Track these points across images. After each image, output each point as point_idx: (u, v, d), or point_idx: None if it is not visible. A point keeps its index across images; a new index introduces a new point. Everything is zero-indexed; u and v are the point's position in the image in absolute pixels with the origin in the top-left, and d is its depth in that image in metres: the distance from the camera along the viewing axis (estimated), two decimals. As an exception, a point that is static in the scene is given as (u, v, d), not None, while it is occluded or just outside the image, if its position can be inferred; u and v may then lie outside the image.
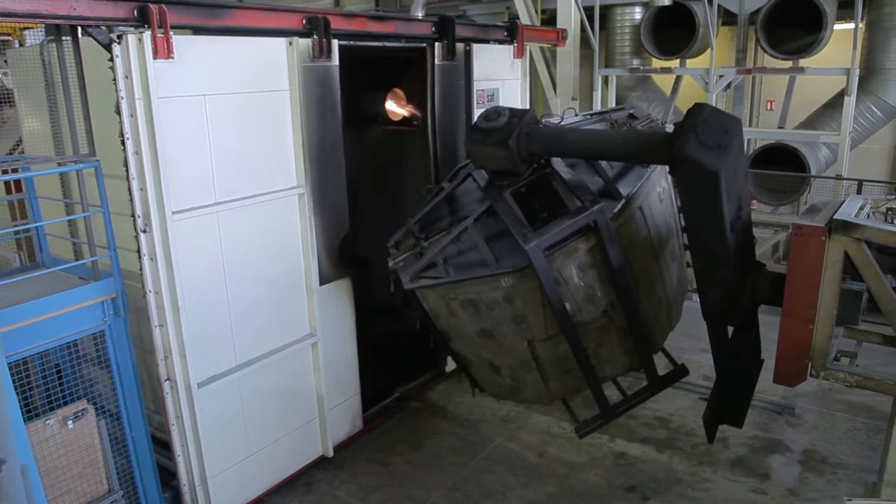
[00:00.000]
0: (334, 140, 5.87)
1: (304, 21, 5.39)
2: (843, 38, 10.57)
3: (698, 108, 4.08)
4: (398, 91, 7.46)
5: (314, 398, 6.15)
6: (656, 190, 5.19)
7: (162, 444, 6.00)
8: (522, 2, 11.78)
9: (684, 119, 4.09)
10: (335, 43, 5.63)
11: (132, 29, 4.45)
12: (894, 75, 10.89)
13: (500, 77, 7.49)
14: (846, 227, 4.13)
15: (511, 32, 7.58)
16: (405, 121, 7.64)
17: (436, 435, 6.75)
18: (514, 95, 7.76)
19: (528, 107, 7.81)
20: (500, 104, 7.32)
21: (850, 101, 9.96)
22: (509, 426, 6.86)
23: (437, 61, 6.62)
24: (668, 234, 5.33)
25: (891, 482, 4.31)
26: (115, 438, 4.97)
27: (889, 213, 4.33)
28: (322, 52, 5.51)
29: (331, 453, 6.37)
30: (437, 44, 6.58)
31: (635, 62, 12.25)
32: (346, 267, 6.22)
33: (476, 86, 7.11)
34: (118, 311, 4.75)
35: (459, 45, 6.82)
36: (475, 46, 7.03)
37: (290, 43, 5.34)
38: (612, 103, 11.90)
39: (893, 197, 4.94)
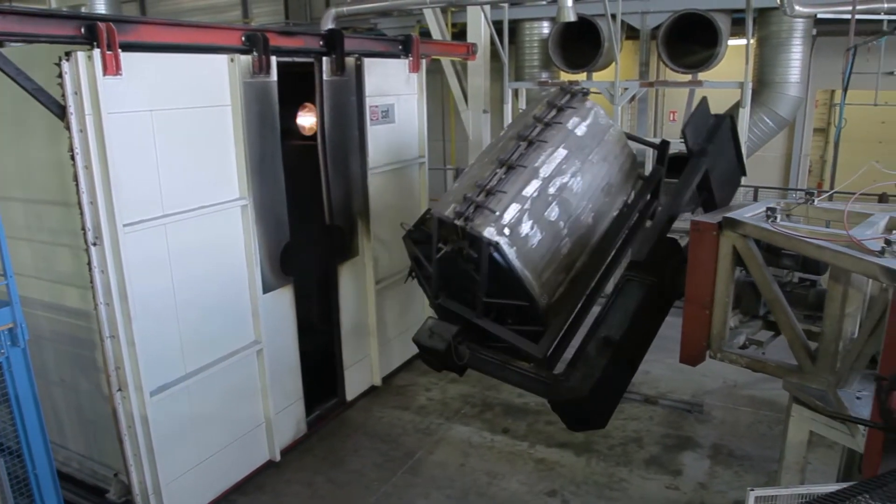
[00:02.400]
0: (273, 153, 6.04)
1: (242, 38, 5.55)
2: (738, 53, 11.15)
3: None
4: (309, 105, 7.41)
5: (260, 404, 6.26)
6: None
7: (68, 480, 5.74)
8: (433, 16, 11.92)
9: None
10: (273, 59, 5.80)
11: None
12: (783, 88, 11.61)
13: (395, 92, 7.44)
14: (732, 224, 4.61)
15: (405, 46, 7.47)
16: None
17: (357, 451, 6.70)
18: (410, 111, 7.73)
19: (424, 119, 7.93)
20: (396, 119, 7.42)
21: (744, 113, 10.51)
22: (430, 438, 6.89)
23: (325, 76, 6.46)
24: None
25: (789, 469, 4.63)
26: (15, 477, 4.68)
27: (769, 212, 4.74)
28: (262, 68, 5.69)
29: (278, 457, 6.44)
30: (325, 58, 6.43)
31: (544, 75, 12.56)
32: (287, 275, 6.36)
33: (369, 101, 7.00)
34: (17, 341, 4.49)
35: (350, 60, 6.69)
36: (368, 61, 6.91)
37: (232, 60, 5.50)
38: (523, 116, 12.14)
39: (803, 200, 5.35)
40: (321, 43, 6.37)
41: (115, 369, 5.06)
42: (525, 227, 5.19)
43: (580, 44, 11.81)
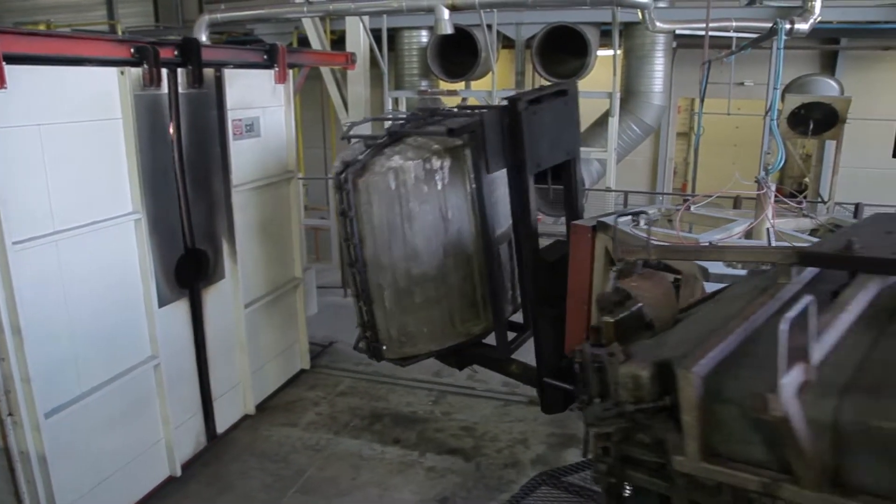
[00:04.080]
0: (166, 165, 5.92)
1: (132, 51, 5.45)
2: (607, 63, 11.77)
3: None
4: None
5: (159, 419, 6.11)
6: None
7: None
8: (311, 23, 11.80)
9: None
10: (164, 72, 5.70)
11: None
12: (649, 97, 12.35)
13: (260, 105, 7.17)
14: (602, 227, 5.07)
15: (271, 56, 7.22)
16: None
17: (245, 474, 6.53)
18: (277, 123, 7.47)
19: (292, 132, 7.76)
20: (261, 132, 7.23)
21: (613, 122, 11.12)
22: (320, 454, 6.81)
23: (180, 89, 6.10)
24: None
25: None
26: None
27: (634, 217, 5.17)
28: (153, 80, 5.59)
29: (178, 473, 6.30)
30: (179, 69, 6.08)
31: (423, 84, 12.72)
32: (182, 288, 6.24)
33: (231, 115, 6.68)
34: None
35: (209, 71, 6.38)
36: (229, 72, 6.61)
37: (122, 73, 5.37)
38: (404, 124, 12.24)
39: (681, 206, 5.83)
40: (175, 53, 6.01)
41: (4, 393, 4.80)
42: (412, 325, 5.87)
43: (458, 53, 12.06)
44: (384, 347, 5.99)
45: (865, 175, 12.67)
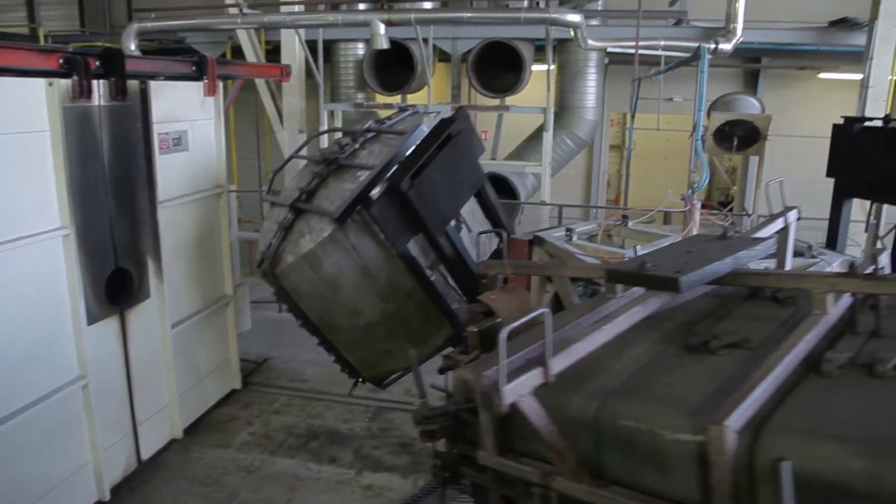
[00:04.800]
0: (97, 179, 5.76)
1: (61, 61, 5.28)
2: (542, 78, 11.96)
3: None
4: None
5: (87, 441, 5.88)
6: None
7: None
8: (246, 35, 11.62)
9: None
10: (95, 83, 5.56)
11: None
12: (581, 112, 12.62)
13: (188, 118, 6.97)
14: (538, 240, 5.42)
15: (200, 68, 7.05)
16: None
17: (175, 499, 6.31)
18: (206, 137, 7.29)
19: (222, 145, 7.58)
20: (190, 146, 7.07)
21: (548, 136, 11.30)
22: (254, 476, 6.66)
23: (102, 102, 5.86)
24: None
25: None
26: None
27: (568, 232, 5.32)
28: (83, 92, 5.43)
29: (107, 496, 6.08)
30: (101, 81, 5.84)
31: (360, 97, 12.67)
32: (114, 305, 6.07)
33: (158, 128, 6.46)
34: None
35: (134, 83, 6.16)
36: (155, 84, 6.40)
37: (50, 84, 5.19)
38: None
39: (620, 222, 6.00)
40: (97, 64, 5.75)
41: None
42: (376, 358, 6.00)
43: (395, 66, 12.06)
44: (360, 380, 6.39)
45: (787, 189, 13.22)
